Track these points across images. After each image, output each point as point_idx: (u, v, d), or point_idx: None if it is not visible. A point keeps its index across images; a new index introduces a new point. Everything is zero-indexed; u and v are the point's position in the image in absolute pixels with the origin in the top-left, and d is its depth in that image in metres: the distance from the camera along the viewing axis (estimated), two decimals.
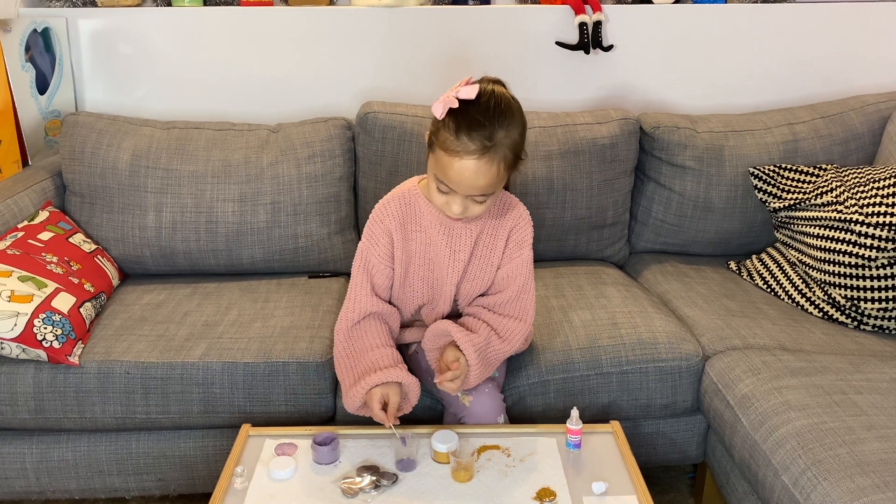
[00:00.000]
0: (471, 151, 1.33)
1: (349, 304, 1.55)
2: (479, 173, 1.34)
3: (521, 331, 1.55)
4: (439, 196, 1.42)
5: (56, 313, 1.65)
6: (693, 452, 1.84)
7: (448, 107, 1.35)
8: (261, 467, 1.42)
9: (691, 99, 2.43)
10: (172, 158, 2.05)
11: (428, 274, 1.55)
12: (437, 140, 1.36)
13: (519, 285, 1.54)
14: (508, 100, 1.39)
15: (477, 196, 1.39)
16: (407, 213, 1.53)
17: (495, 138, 1.33)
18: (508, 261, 1.55)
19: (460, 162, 1.34)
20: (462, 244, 1.52)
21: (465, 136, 1.32)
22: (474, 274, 1.55)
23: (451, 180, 1.36)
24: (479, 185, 1.36)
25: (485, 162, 1.33)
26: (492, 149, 1.33)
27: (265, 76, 2.35)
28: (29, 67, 2.13)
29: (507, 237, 1.54)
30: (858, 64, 2.44)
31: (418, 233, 1.53)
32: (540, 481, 1.38)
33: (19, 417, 1.67)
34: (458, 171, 1.34)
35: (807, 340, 1.79)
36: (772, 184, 2.12)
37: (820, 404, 1.49)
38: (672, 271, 2.14)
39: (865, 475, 1.30)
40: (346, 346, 1.53)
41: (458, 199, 1.39)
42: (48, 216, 1.97)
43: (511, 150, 1.36)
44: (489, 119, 1.33)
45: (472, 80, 1.38)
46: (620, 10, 2.35)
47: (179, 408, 1.68)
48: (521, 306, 1.55)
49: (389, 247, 1.53)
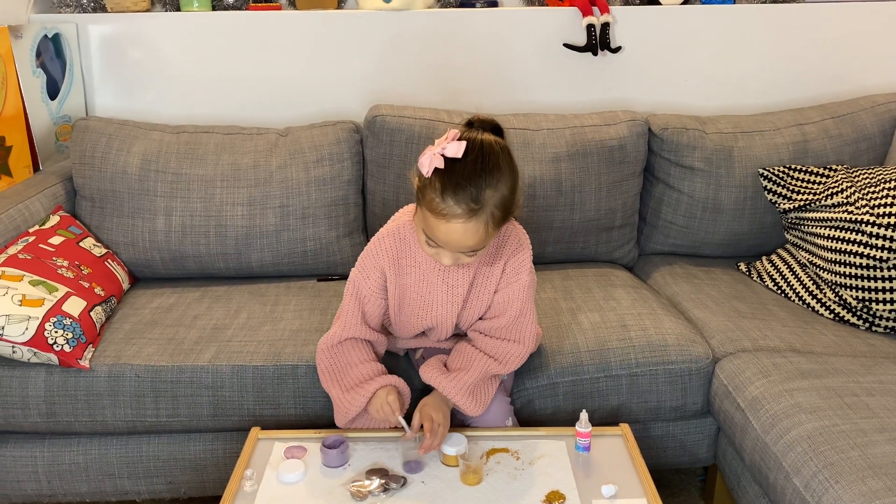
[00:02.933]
0: (457, 215, 1.29)
1: (336, 329, 1.54)
2: (467, 235, 1.31)
3: (518, 353, 1.53)
4: (428, 248, 1.39)
5: (67, 317, 1.66)
6: (703, 455, 1.83)
7: (434, 165, 1.29)
8: (270, 470, 1.43)
9: (700, 100, 2.43)
10: (182, 162, 2.06)
11: (425, 308, 1.53)
12: (424, 199, 1.33)
13: (516, 310, 1.52)
14: (497, 154, 1.32)
15: (467, 252, 1.37)
16: (401, 248, 1.51)
17: (482, 200, 1.29)
18: (506, 285, 1.52)
19: (447, 225, 1.30)
20: (459, 279, 1.50)
21: (450, 199, 1.28)
22: (473, 303, 1.54)
23: (440, 240, 1.34)
24: (467, 245, 1.34)
25: (472, 225, 1.30)
26: (478, 211, 1.29)
27: (274, 80, 2.36)
28: (40, 73, 2.15)
29: (504, 263, 1.51)
30: (868, 64, 2.42)
31: (413, 268, 1.51)
32: (549, 484, 1.38)
33: (30, 421, 1.68)
34: (445, 234, 1.32)
35: (817, 342, 1.78)
36: (781, 185, 2.11)
37: (831, 406, 1.48)
38: (681, 273, 2.13)
39: (877, 478, 1.29)
40: (331, 363, 1.54)
41: (447, 253, 1.37)
42: (59, 220, 1.98)
43: (499, 209, 1.32)
44: (475, 180, 1.28)
45: (459, 135, 1.32)
46: (628, 11, 2.34)
47: (189, 411, 1.69)
48: (518, 330, 1.53)
49: (381, 282, 1.52)
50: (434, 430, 1.40)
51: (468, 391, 1.47)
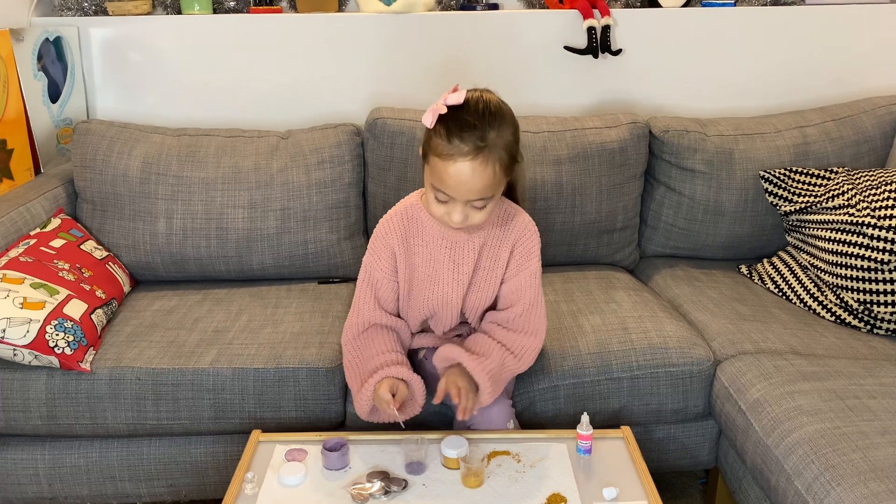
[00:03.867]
0: (464, 153, 1.32)
1: (353, 317, 1.56)
2: (475, 175, 1.33)
3: (534, 347, 1.54)
4: (438, 207, 1.40)
5: (68, 320, 1.66)
6: (705, 458, 1.83)
7: (437, 114, 1.34)
8: (271, 473, 1.43)
9: (701, 102, 2.43)
10: (183, 165, 2.06)
11: (432, 287, 1.54)
12: (431, 148, 1.36)
13: (529, 299, 1.53)
14: (497, 102, 1.38)
15: (476, 201, 1.37)
16: (409, 228, 1.52)
17: (487, 138, 1.33)
18: (515, 273, 1.53)
19: (455, 165, 1.32)
20: (465, 257, 1.51)
21: (456, 139, 1.32)
22: (479, 286, 1.54)
23: (449, 186, 1.35)
24: (476, 188, 1.35)
25: (479, 163, 1.32)
26: (485, 149, 1.32)
27: (275, 83, 2.36)
28: (41, 76, 2.15)
29: (511, 248, 1.52)
30: (869, 66, 2.42)
31: (421, 247, 1.53)
32: (550, 487, 1.38)
33: (31, 423, 1.68)
34: (454, 176, 1.33)
35: (819, 345, 1.77)
36: (783, 187, 2.11)
37: (833, 409, 1.48)
38: (683, 275, 2.13)
39: (879, 480, 1.29)
40: (354, 354, 1.54)
41: (457, 207, 1.38)
42: (60, 223, 1.98)
43: (505, 151, 1.35)
44: (479, 120, 1.33)
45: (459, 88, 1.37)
46: (629, 14, 2.35)
47: (190, 414, 1.68)
48: (532, 321, 1.54)
49: (392, 262, 1.53)
50: (465, 395, 1.42)
51: (489, 375, 1.46)
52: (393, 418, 1.45)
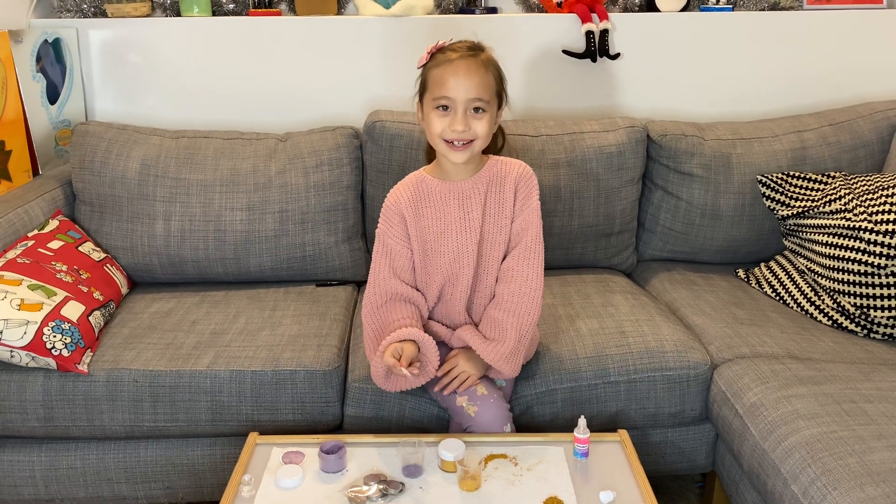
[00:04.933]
0: (461, 55, 1.47)
1: (370, 287, 1.60)
2: (472, 70, 1.46)
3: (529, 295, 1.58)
4: (440, 122, 1.49)
5: (65, 322, 1.66)
6: (702, 462, 1.83)
7: (429, 51, 1.51)
8: (268, 475, 1.43)
9: (698, 107, 2.43)
10: (181, 167, 2.06)
11: (446, 242, 1.58)
12: (429, 70, 1.51)
13: (533, 233, 1.59)
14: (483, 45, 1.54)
15: (475, 101, 1.47)
16: (417, 192, 1.60)
17: (478, 52, 1.50)
18: (521, 210, 1.60)
19: (453, 66, 1.46)
20: (474, 204, 1.58)
21: (450, 51, 1.49)
22: (491, 232, 1.59)
23: (449, 86, 1.46)
24: (474, 83, 1.46)
25: (474, 62, 1.47)
26: (481, 53, 1.50)
27: (273, 85, 2.37)
28: (40, 77, 2.15)
29: (514, 190, 1.59)
30: (866, 71, 2.43)
31: (430, 208, 1.59)
32: (547, 490, 1.38)
33: (28, 425, 1.68)
34: (453, 73, 1.46)
35: (816, 349, 1.78)
36: (780, 191, 2.12)
37: (829, 413, 1.48)
38: (680, 279, 2.14)
39: (876, 485, 1.29)
40: (373, 327, 1.59)
41: (459, 115, 1.47)
42: (58, 225, 1.98)
43: (496, 71, 1.51)
44: (469, 45, 1.51)
45: None
46: (627, 18, 2.35)
47: (187, 416, 1.68)
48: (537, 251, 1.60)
49: (404, 227, 1.59)
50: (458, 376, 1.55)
51: (506, 359, 1.54)
52: (405, 377, 1.49)
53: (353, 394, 1.69)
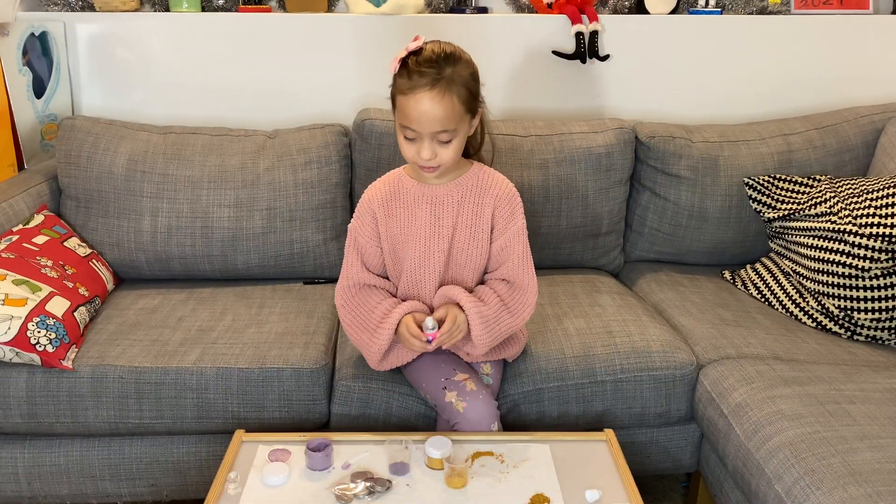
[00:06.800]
0: (423, 85, 1.43)
1: (342, 280, 1.63)
2: (435, 104, 1.43)
3: (528, 302, 1.60)
4: (409, 147, 1.49)
5: (50, 317, 1.65)
6: (687, 461, 1.84)
7: (399, 59, 1.47)
8: (254, 473, 1.42)
9: (687, 109, 2.45)
10: (169, 163, 2.05)
11: (413, 245, 1.59)
12: (396, 90, 1.48)
13: (518, 253, 1.59)
14: (454, 47, 1.50)
15: (440, 134, 1.46)
16: (392, 191, 1.61)
17: (444, 73, 1.44)
18: (503, 231, 1.59)
19: (415, 97, 1.44)
20: (445, 211, 1.58)
21: (416, 75, 1.44)
22: (465, 242, 1.59)
23: (412, 119, 1.45)
24: (437, 118, 1.44)
25: (437, 93, 1.43)
26: (442, 81, 1.44)
27: (262, 82, 2.36)
28: (26, 71, 2.13)
29: (492, 209, 1.58)
30: (853, 76, 2.45)
31: (402, 209, 1.59)
32: (533, 488, 1.38)
33: (11, 422, 1.67)
34: (415, 107, 1.44)
35: (800, 350, 1.79)
36: (766, 194, 2.13)
37: (813, 414, 1.50)
38: (667, 280, 2.15)
39: (858, 485, 1.30)
40: (353, 313, 1.60)
41: (425, 143, 1.47)
42: (43, 220, 1.97)
43: (463, 86, 1.46)
44: (437, 60, 1.45)
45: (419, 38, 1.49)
46: (617, 20, 2.36)
47: (173, 413, 1.67)
48: (524, 275, 1.60)
49: (374, 226, 1.61)
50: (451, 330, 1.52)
51: (483, 319, 1.54)
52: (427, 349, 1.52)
53: (340, 392, 1.69)
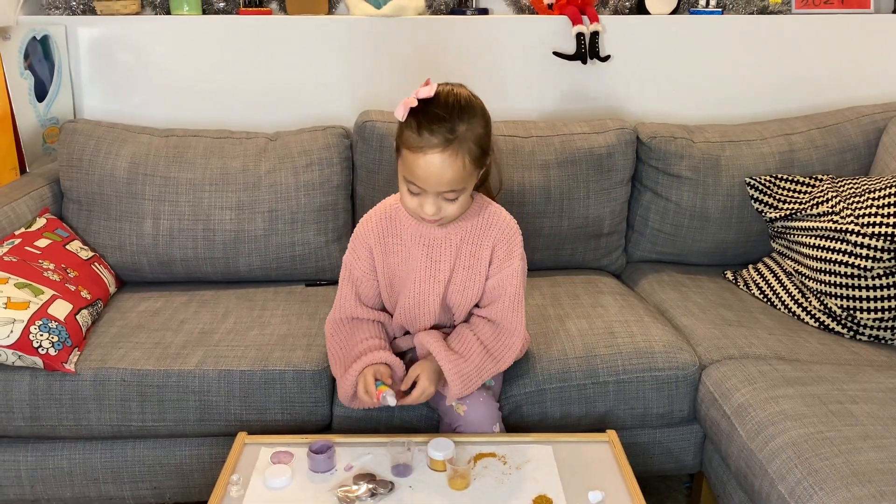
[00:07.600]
0: (434, 146, 1.35)
1: (335, 310, 1.59)
2: (445, 167, 1.36)
3: (514, 346, 1.54)
4: (411, 199, 1.43)
5: (52, 320, 1.65)
6: (689, 462, 1.84)
7: (409, 107, 1.38)
8: (256, 476, 1.42)
9: (688, 109, 2.45)
10: (170, 166, 2.05)
11: (410, 286, 1.54)
12: (402, 141, 1.39)
13: (510, 295, 1.52)
14: (468, 96, 1.41)
15: (447, 193, 1.40)
16: (387, 227, 1.54)
17: (457, 131, 1.36)
18: (498, 271, 1.53)
19: (425, 157, 1.36)
20: (443, 255, 1.52)
21: (426, 132, 1.35)
22: (462, 284, 1.54)
23: (419, 178, 1.38)
24: (446, 180, 1.37)
25: (448, 155, 1.35)
26: (454, 141, 1.35)
27: (263, 84, 2.36)
28: (28, 75, 2.14)
29: (492, 248, 1.52)
30: (854, 75, 2.45)
31: (399, 246, 1.54)
32: (536, 489, 1.38)
33: (14, 425, 1.67)
34: (423, 168, 1.36)
35: (803, 350, 1.79)
36: (768, 194, 2.13)
37: (816, 414, 1.49)
38: (668, 281, 2.15)
39: (861, 485, 1.30)
40: (337, 342, 1.56)
41: (429, 199, 1.40)
42: (45, 223, 1.97)
43: (475, 144, 1.38)
44: (449, 113, 1.36)
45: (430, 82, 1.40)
46: (617, 20, 2.36)
47: (175, 416, 1.68)
48: (513, 318, 1.53)
49: (370, 261, 1.55)
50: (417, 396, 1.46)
51: (461, 377, 1.48)
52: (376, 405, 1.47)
53: None
